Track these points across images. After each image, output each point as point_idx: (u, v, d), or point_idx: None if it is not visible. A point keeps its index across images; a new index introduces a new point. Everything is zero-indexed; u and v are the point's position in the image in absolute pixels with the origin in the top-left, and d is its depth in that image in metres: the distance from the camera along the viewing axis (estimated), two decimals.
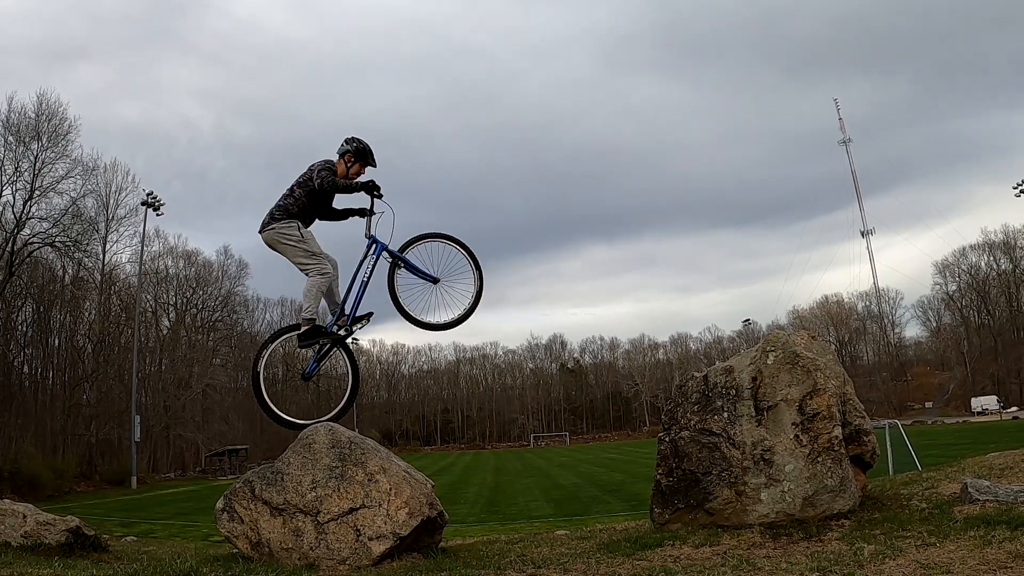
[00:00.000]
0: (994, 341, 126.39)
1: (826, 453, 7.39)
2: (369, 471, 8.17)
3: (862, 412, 8.00)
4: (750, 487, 7.30)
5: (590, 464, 60.02)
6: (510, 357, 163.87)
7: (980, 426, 78.71)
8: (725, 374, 7.85)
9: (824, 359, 7.93)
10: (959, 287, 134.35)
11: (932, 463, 26.19)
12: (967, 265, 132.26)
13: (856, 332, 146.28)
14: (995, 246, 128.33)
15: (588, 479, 44.33)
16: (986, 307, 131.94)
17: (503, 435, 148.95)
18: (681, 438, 7.75)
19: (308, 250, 9.22)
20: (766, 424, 7.51)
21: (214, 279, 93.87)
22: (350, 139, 9.63)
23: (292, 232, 9.20)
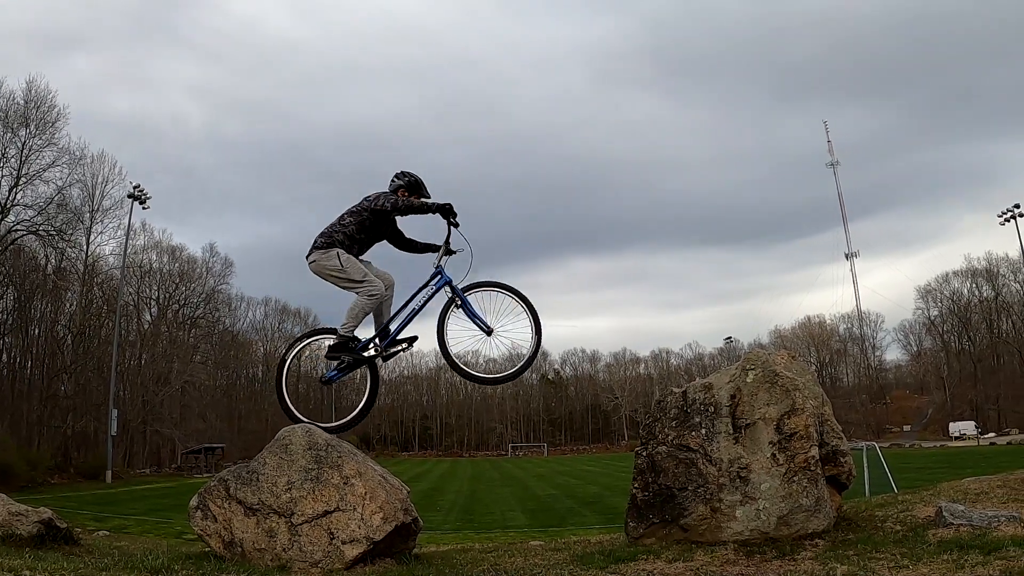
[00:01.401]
0: (974, 367, 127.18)
1: (802, 473, 7.41)
2: (345, 474, 8.15)
3: (839, 433, 8.03)
4: (725, 504, 7.31)
5: (567, 476, 60.05)
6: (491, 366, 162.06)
7: (957, 451, 79.12)
8: (704, 391, 7.87)
9: (803, 379, 7.97)
10: (941, 312, 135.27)
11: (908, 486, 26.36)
12: (949, 291, 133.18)
13: (837, 354, 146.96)
14: (978, 273, 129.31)
15: (565, 491, 44.34)
16: (967, 333, 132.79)
17: (481, 444, 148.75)
18: (658, 453, 7.76)
19: (349, 278, 9.14)
20: (743, 442, 7.53)
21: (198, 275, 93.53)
22: (401, 173, 9.76)
23: (331, 262, 9.14)
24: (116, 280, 71.09)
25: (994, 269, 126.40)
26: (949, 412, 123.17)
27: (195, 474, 69.41)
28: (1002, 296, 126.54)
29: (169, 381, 79.07)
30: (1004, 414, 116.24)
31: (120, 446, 69.21)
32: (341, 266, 9.12)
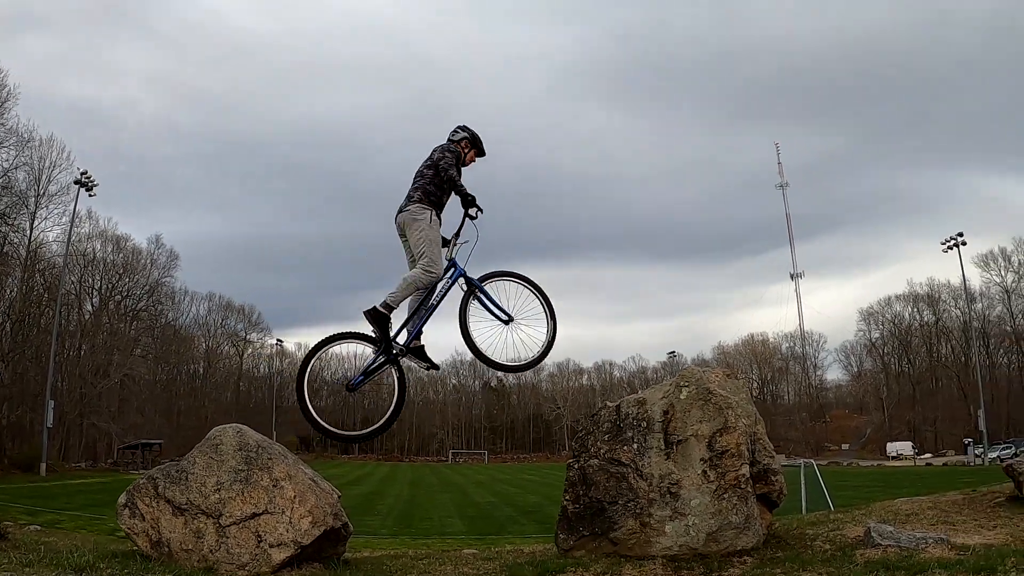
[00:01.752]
0: (912, 389, 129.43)
1: (732, 490, 7.46)
2: (275, 477, 8.07)
3: (771, 452, 8.09)
4: (655, 519, 7.33)
5: (507, 484, 59.99)
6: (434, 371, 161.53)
7: (894, 470, 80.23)
8: (637, 406, 7.89)
9: (736, 398, 8.01)
10: (882, 335, 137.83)
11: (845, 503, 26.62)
12: (891, 314, 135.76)
13: (779, 371, 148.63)
14: (920, 298, 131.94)
15: (504, 499, 44.30)
16: (907, 356, 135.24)
17: (422, 449, 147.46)
18: (590, 466, 7.77)
19: (428, 238, 8.86)
20: (675, 458, 7.56)
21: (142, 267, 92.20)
22: (463, 127, 9.63)
23: (423, 216, 8.90)
24: (58, 268, 69.73)
25: (936, 295, 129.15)
26: (887, 432, 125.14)
27: (131, 470, 68.37)
28: (942, 321, 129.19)
29: (108, 374, 77.86)
30: (941, 436, 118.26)
31: (56, 438, 67.98)
32: (429, 224, 8.90)
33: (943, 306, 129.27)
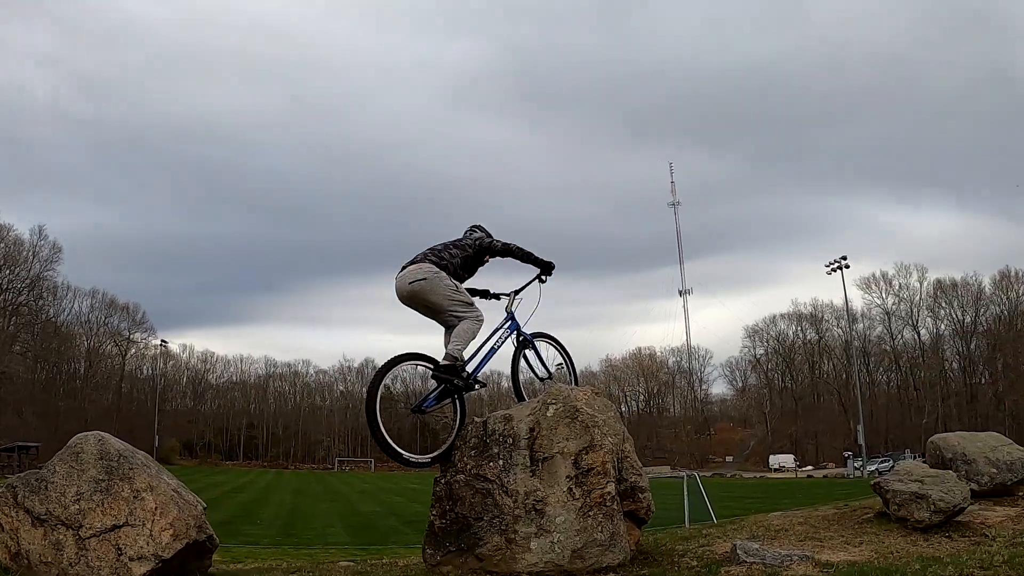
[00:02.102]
0: (795, 404, 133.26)
1: (598, 508, 7.50)
2: (136, 487, 7.84)
3: (639, 470, 8.16)
4: (520, 536, 7.33)
5: (392, 493, 59.52)
6: (321, 377, 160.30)
7: (776, 482, 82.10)
8: (504, 422, 7.89)
9: (604, 416, 8.07)
10: (766, 351, 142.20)
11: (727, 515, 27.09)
12: (775, 332, 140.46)
13: (665, 385, 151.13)
14: (803, 317, 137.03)
15: (389, 508, 43.94)
16: (790, 372, 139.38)
17: (307, 456, 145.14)
18: (456, 481, 7.74)
19: (463, 299, 8.79)
20: (540, 475, 7.56)
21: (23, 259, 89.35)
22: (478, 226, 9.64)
23: (446, 281, 8.72)
24: None
25: (819, 315, 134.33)
26: (770, 445, 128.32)
27: (7, 473, 65.72)
28: (824, 340, 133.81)
29: None
30: (822, 449, 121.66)
31: None
32: (456, 287, 8.79)
33: (826, 325, 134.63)
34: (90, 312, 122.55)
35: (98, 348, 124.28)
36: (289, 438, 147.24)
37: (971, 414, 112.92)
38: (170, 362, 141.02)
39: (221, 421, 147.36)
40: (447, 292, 8.66)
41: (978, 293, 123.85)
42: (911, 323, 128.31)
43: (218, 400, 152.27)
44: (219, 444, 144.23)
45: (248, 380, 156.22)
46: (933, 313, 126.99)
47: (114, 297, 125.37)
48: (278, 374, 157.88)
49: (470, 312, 8.76)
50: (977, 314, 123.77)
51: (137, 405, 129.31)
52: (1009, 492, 11.76)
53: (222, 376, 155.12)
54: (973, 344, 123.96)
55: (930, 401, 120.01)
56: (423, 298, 8.74)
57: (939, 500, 9.53)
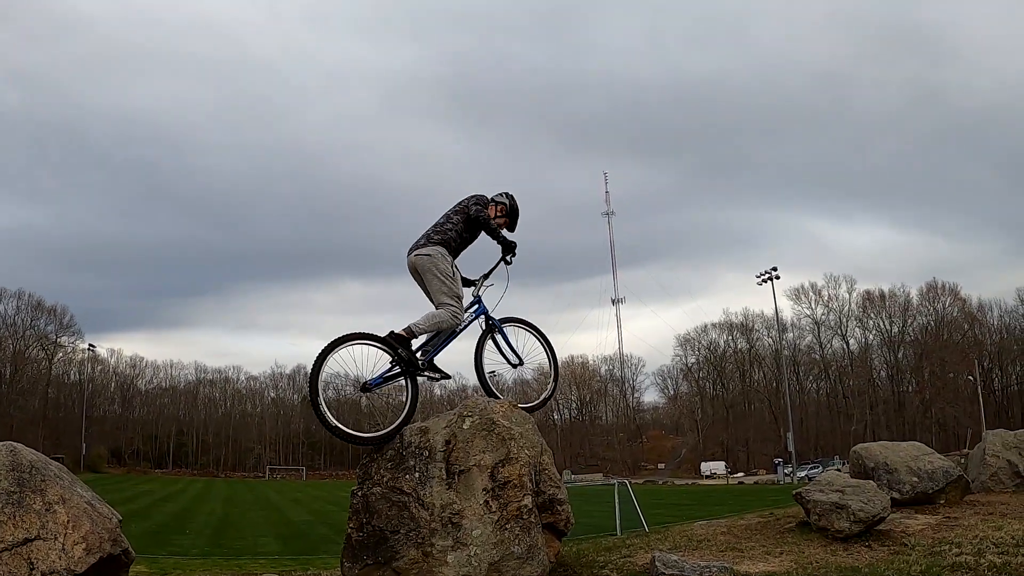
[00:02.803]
0: (726, 412, 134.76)
1: (515, 521, 7.49)
2: (48, 500, 7.65)
3: (557, 483, 8.17)
4: (437, 549, 7.30)
5: (324, 502, 58.97)
6: (252, 383, 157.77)
7: (707, 489, 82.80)
8: (420, 434, 7.87)
9: (521, 428, 8.07)
10: (698, 360, 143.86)
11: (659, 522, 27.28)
12: (707, 341, 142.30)
13: (598, 393, 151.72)
14: (735, 326, 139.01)
15: (320, 517, 43.47)
16: (721, 380, 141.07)
17: (238, 464, 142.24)
18: (373, 494, 7.69)
19: (452, 289, 8.94)
20: (456, 488, 7.55)
21: None
22: (507, 194, 9.63)
23: (446, 264, 8.94)
24: None
25: (750, 324, 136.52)
26: (701, 452, 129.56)
27: None
28: (755, 349, 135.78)
29: None
30: (753, 456, 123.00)
31: None
32: (452, 273, 9.00)
33: (756, 335, 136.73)
34: (16, 314, 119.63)
35: (23, 351, 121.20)
36: (220, 445, 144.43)
37: (899, 421, 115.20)
38: (98, 367, 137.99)
39: (150, 428, 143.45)
40: (442, 275, 8.87)
41: (906, 304, 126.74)
42: (840, 333, 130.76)
43: (147, 406, 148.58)
44: (148, 452, 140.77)
45: (178, 386, 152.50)
46: (861, 323, 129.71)
47: (41, 299, 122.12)
48: (208, 380, 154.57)
49: (452, 305, 8.89)
50: (904, 324, 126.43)
51: (64, 411, 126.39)
52: (930, 500, 11.99)
53: (151, 382, 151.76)
54: (901, 353, 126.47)
55: (859, 409, 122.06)
56: (421, 272, 8.96)
57: (859, 510, 9.67)
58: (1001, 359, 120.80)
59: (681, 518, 30.21)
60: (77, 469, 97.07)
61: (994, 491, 13.85)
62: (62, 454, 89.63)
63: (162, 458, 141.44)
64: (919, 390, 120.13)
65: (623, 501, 29.42)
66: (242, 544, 29.92)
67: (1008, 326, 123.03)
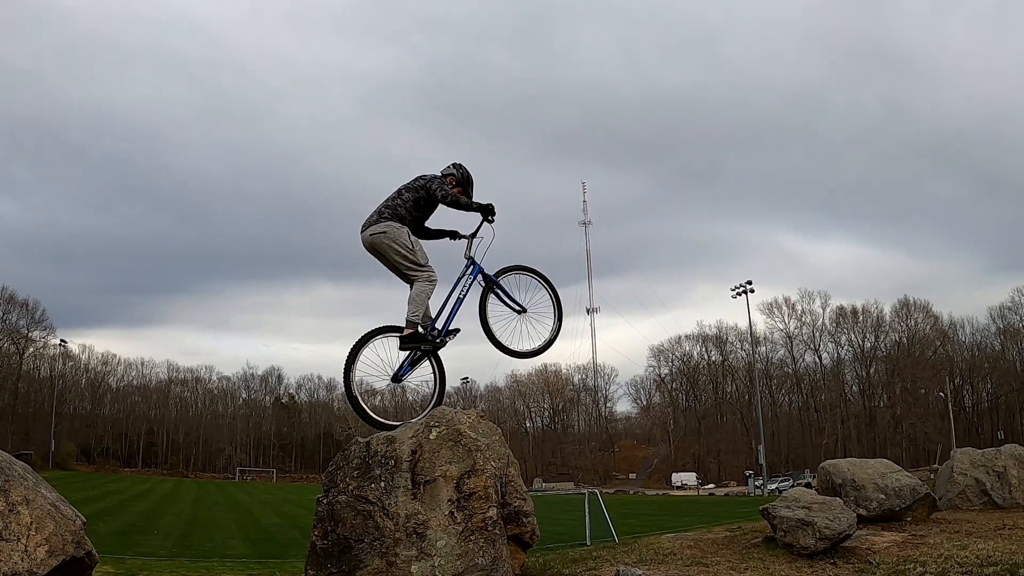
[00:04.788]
0: (698, 423, 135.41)
1: (479, 532, 7.48)
2: (11, 501, 7.57)
3: (523, 494, 8.16)
4: (401, 559, 7.27)
5: (294, 504, 58.63)
6: (224, 384, 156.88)
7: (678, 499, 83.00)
8: (387, 443, 7.84)
9: (488, 440, 8.07)
10: (671, 371, 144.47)
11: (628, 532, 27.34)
12: (681, 352, 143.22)
13: (570, 402, 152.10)
14: (708, 338, 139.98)
15: (290, 520, 43.25)
16: (694, 392, 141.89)
17: (208, 465, 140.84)
18: (338, 502, 7.65)
19: (415, 260, 9.13)
20: (422, 498, 7.53)
21: None
22: (456, 164, 9.78)
23: (403, 238, 9.09)
24: None
25: (723, 336, 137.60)
26: (673, 463, 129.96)
27: None
28: (728, 361, 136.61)
29: None
30: (724, 467, 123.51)
31: None
32: (411, 244, 9.13)
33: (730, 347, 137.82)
34: None
35: None
36: (190, 445, 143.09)
37: (870, 436, 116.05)
38: (69, 363, 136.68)
39: (120, 426, 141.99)
40: (402, 248, 9.05)
41: (878, 320, 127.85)
42: (813, 347, 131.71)
43: (118, 404, 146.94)
44: (118, 450, 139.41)
45: (149, 384, 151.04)
46: (834, 338, 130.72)
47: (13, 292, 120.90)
48: (180, 379, 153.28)
49: (422, 272, 9.11)
50: (877, 340, 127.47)
51: (34, 407, 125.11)
52: (897, 518, 12.05)
53: (123, 379, 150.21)
54: (872, 369, 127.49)
55: (830, 423, 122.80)
56: (380, 250, 9.15)
57: (825, 527, 9.71)
58: (972, 376, 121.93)
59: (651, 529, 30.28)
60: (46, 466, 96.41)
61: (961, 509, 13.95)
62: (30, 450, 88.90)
63: (132, 457, 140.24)
64: (890, 405, 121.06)
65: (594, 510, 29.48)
66: (210, 546, 29.78)
67: (979, 344, 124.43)
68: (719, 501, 74.09)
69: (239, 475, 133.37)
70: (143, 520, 40.05)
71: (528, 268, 10.09)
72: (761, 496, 71.66)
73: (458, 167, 9.79)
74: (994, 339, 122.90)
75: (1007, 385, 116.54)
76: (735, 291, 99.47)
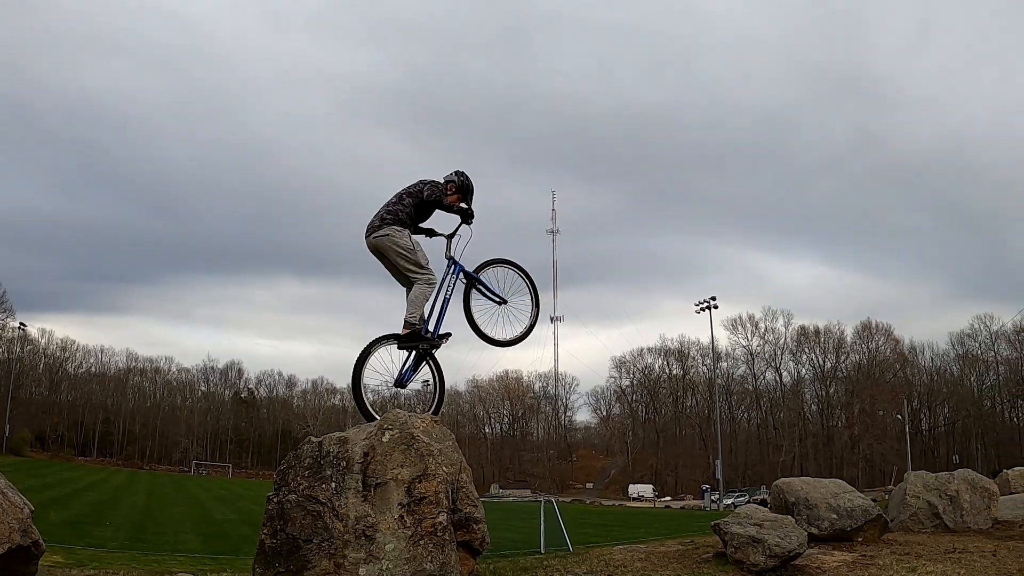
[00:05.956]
0: (657, 436, 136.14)
1: (429, 537, 7.46)
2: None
3: (475, 501, 8.15)
4: (349, 561, 7.24)
5: (249, 501, 58.08)
6: (184, 375, 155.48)
7: (634, 511, 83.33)
8: (339, 444, 7.80)
9: (441, 445, 8.05)
10: (632, 383, 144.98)
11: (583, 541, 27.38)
12: (642, 364, 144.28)
13: (530, 409, 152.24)
14: (670, 352, 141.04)
15: (244, 516, 42.84)
16: (654, 404, 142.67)
17: (164, 457, 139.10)
18: (288, 501, 7.60)
19: (416, 261, 9.53)
20: (372, 501, 7.50)
21: None
22: (459, 172, 10.16)
23: (404, 240, 9.52)
24: None
25: (685, 351, 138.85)
26: (630, 474, 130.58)
27: None
28: (689, 376, 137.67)
29: None
30: (681, 481, 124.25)
31: None
32: (412, 246, 9.57)
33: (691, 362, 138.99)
34: None
35: None
36: (146, 437, 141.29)
37: (827, 455, 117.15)
38: (28, 347, 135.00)
39: (77, 414, 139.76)
40: (404, 250, 9.50)
41: (839, 341, 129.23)
42: (774, 365, 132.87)
43: (75, 391, 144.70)
44: (73, 438, 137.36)
45: (108, 372, 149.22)
46: (795, 357, 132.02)
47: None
48: (139, 369, 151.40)
49: (421, 274, 9.53)
50: (838, 360, 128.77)
51: None
52: (848, 538, 12.15)
53: (81, 366, 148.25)
54: (832, 389, 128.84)
55: (788, 440, 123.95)
56: (383, 252, 9.60)
57: (775, 545, 9.77)
58: (930, 400, 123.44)
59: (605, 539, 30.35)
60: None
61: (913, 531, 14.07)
62: None
63: (87, 446, 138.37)
64: (848, 426, 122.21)
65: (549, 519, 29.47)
66: (162, 540, 29.51)
67: (939, 368, 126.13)
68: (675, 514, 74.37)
69: (195, 469, 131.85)
70: (95, 510, 39.62)
71: (505, 260, 10.45)
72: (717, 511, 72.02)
73: (460, 175, 10.14)
74: (953, 364, 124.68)
75: (964, 410, 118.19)
76: (699, 306, 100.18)
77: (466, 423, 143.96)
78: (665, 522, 53.46)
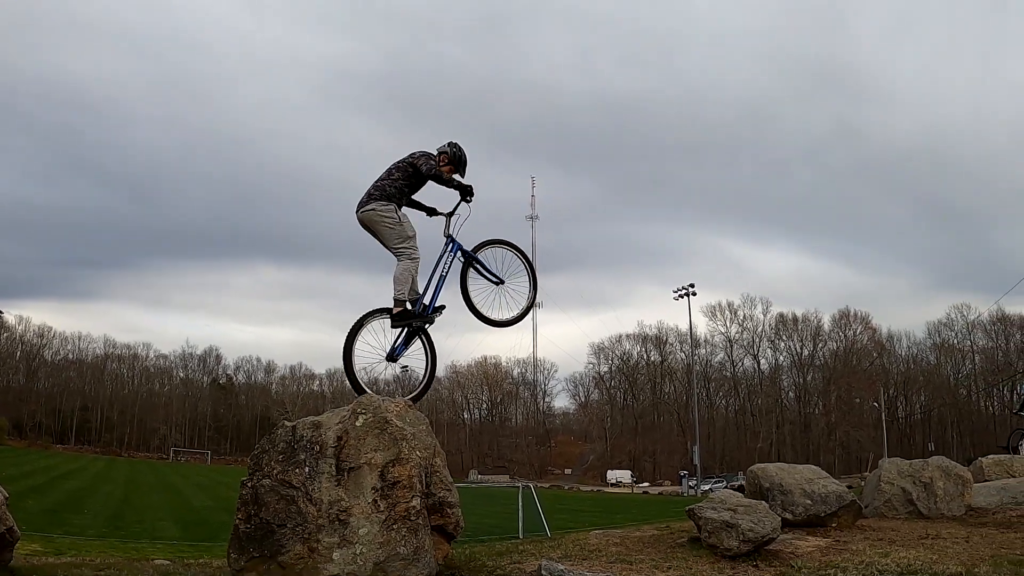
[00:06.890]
0: (635, 422, 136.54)
1: (402, 521, 7.47)
2: None
3: (449, 485, 8.17)
4: (323, 545, 7.25)
5: (228, 488, 57.70)
6: (162, 362, 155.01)
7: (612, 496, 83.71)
8: (312, 428, 7.80)
9: (414, 429, 8.06)
10: (610, 369, 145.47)
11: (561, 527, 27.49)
12: (621, 351, 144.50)
13: (509, 395, 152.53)
14: (648, 338, 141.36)
15: (223, 503, 42.62)
16: (632, 391, 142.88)
17: (142, 444, 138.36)
18: (262, 486, 7.59)
19: (403, 233, 9.64)
20: (346, 485, 7.50)
21: None
22: (452, 143, 10.26)
23: (391, 214, 9.61)
24: None
25: (663, 337, 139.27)
26: (608, 460, 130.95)
27: None
28: (667, 362, 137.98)
29: None
30: (659, 467, 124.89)
31: None
32: (399, 219, 9.66)
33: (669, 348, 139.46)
34: None
35: None
36: (125, 424, 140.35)
37: (804, 442, 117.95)
38: (4, 334, 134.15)
39: (54, 401, 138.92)
40: (391, 223, 9.61)
41: (817, 329, 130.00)
42: (752, 352, 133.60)
43: (52, 378, 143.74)
44: (51, 425, 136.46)
45: (85, 359, 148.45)
46: (773, 344, 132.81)
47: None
48: (117, 355, 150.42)
49: (406, 248, 9.63)
50: (815, 348, 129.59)
51: None
52: (823, 523, 12.21)
53: (58, 353, 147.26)
54: (810, 376, 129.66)
55: (765, 427, 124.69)
56: (371, 225, 9.69)
57: (749, 530, 9.82)
58: (907, 388, 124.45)
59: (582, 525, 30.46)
60: None
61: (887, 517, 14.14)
62: None
63: (65, 433, 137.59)
64: (825, 413, 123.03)
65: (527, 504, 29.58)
66: (140, 528, 29.47)
67: (915, 357, 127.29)
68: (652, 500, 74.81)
69: (173, 456, 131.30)
70: (73, 498, 39.54)
71: (503, 241, 10.54)
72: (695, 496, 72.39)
73: (453, 146, 10.23)
74: (929, 353, 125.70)
75: (940, 399, 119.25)
76: (677, 293, 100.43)
77: (445, 409, 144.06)
78: (642, 508, 53.81)
